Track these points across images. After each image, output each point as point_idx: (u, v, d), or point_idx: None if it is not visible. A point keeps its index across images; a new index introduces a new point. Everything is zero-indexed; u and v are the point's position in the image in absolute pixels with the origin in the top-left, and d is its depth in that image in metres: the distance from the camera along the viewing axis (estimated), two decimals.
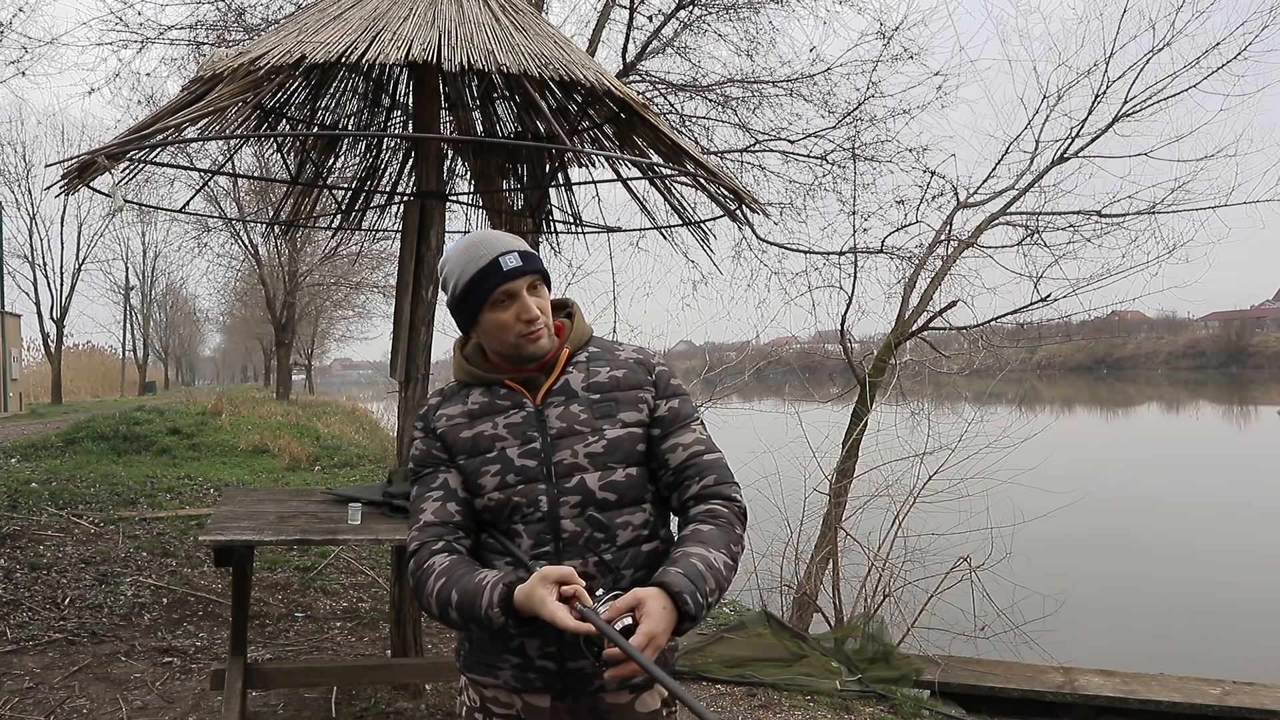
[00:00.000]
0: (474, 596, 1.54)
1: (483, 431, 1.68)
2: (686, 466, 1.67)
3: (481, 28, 3.49)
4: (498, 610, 1.51)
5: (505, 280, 1.64)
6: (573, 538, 1.61)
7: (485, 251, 1.66)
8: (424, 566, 1.62)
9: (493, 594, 1.52)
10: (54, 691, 4.03)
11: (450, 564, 1.61)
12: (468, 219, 5.63)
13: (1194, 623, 8.30)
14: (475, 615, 1.54)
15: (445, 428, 1.70)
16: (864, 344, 8.63)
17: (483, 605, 1.52)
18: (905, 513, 6.11)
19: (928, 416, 6.86)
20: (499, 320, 1.66)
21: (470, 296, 1.66)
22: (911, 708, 4.66)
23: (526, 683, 1.65)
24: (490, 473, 1.65)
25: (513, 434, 1.66)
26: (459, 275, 1.67)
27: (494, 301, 1.65)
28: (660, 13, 8.14)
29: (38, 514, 7.44)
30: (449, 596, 1.56)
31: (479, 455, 1.67)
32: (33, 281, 30.46)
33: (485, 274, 1.64)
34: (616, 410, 1.67)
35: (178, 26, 7.63)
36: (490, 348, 1.72)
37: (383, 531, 3.44)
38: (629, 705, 1.67)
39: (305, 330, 34.32)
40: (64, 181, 3.57)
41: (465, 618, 1.56)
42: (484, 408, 1.70)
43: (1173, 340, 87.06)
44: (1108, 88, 7.49)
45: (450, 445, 1.69)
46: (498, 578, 1.54)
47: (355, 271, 25.39)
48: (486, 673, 1.70)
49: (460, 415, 1.70)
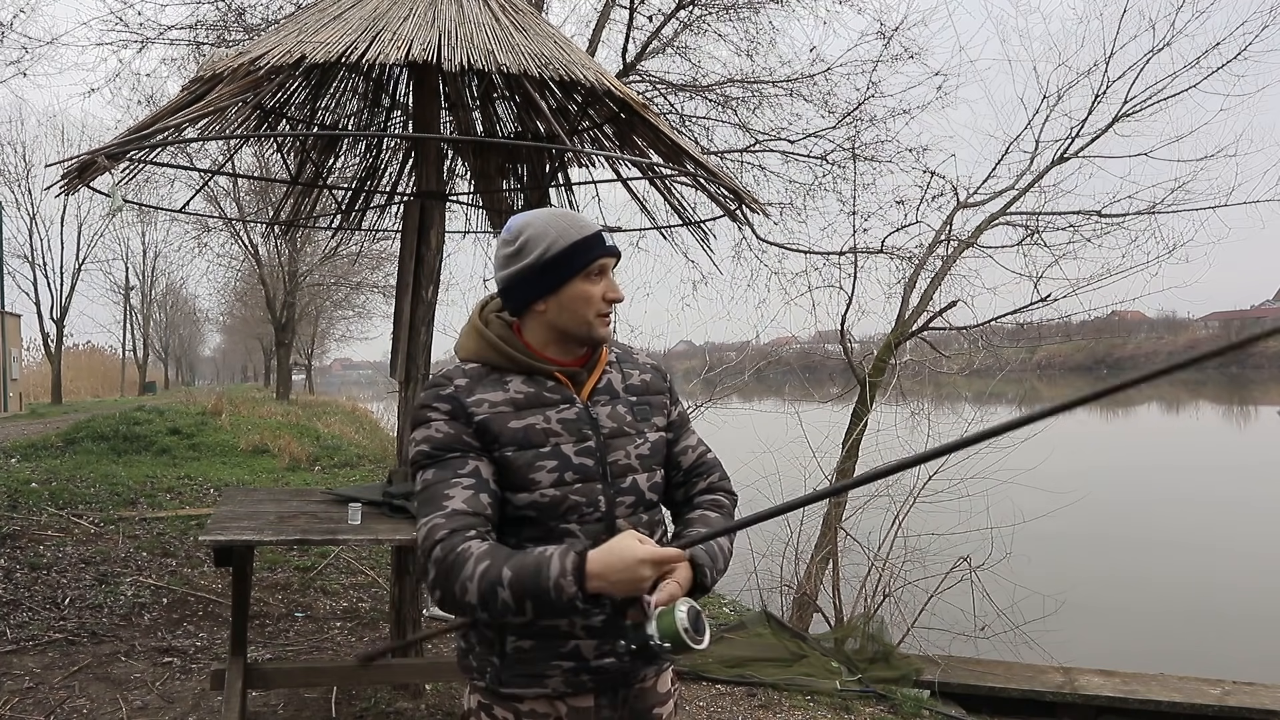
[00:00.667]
0: (537, 568, 1.42)
1: (534, 424, 1.59)
2: (696, 467, 1.79)
3: (481, 28, 3.49)
4: (571, 579, 1.40)
5: (606, 254, 1.62)
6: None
7: (585, 223, 1.63)
8: (457, 551, 1.47)
9: (563, 561, 1.42)
10: (54, 691, 4.02)
11: (491, 547, 1.48)
12: (468, 219, 5.63)
13: (1194, 623, 8.30)
14: (538, 588, 1.41)
15: (488, 415, 1.57)
16: (864, 344, 8.63)
17: (551, 574, 1.41)
18: (905, 513, 6.11)
19: (928, 416, 6.87)
20: (587, 293, 1.61)
21: (567, 261, 1.59)
22: (911, 708, 4.66)
23: (578, 685, 1.61)
24: (546, 468, 1.58)
25: (567, 430, 1.61)
26: (554, 238, 1.60)
27: (589, 272, 1.61)
28: (660, 13, 8.14)
29: (38, 514, 7.44)
30: (499, 575, 1.43)
31: (532, 449, 1.58)
32: (33, 281, 30.55)
33: (591, 243, 1.61)
34: (651, 414, 1.73)
35: (178, 26, 7.65)
36: (556, 323, 1.63)
37: (383, 531, 3.44)
38: (653, 687, 1.72)
39: (305, 330, 34.32)
40: (64, 181, 3.57)
41: (521, 595, 1.42)
42: (530, 399, 1.61)
43: (1173, 340, 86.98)
44: (1108, 88, 7.50)
45: (495, 435, 1.57)
46: (563, 548, 1.46)
47: (355, 271, 25.41)
48: (530, 684, 1.60)
49: (504, 403, 1.59)
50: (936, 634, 5.82)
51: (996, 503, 5.85)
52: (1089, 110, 7.54)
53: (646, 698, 1.71)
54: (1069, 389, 43.59)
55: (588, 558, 1.42)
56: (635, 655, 1.51)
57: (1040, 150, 7.69)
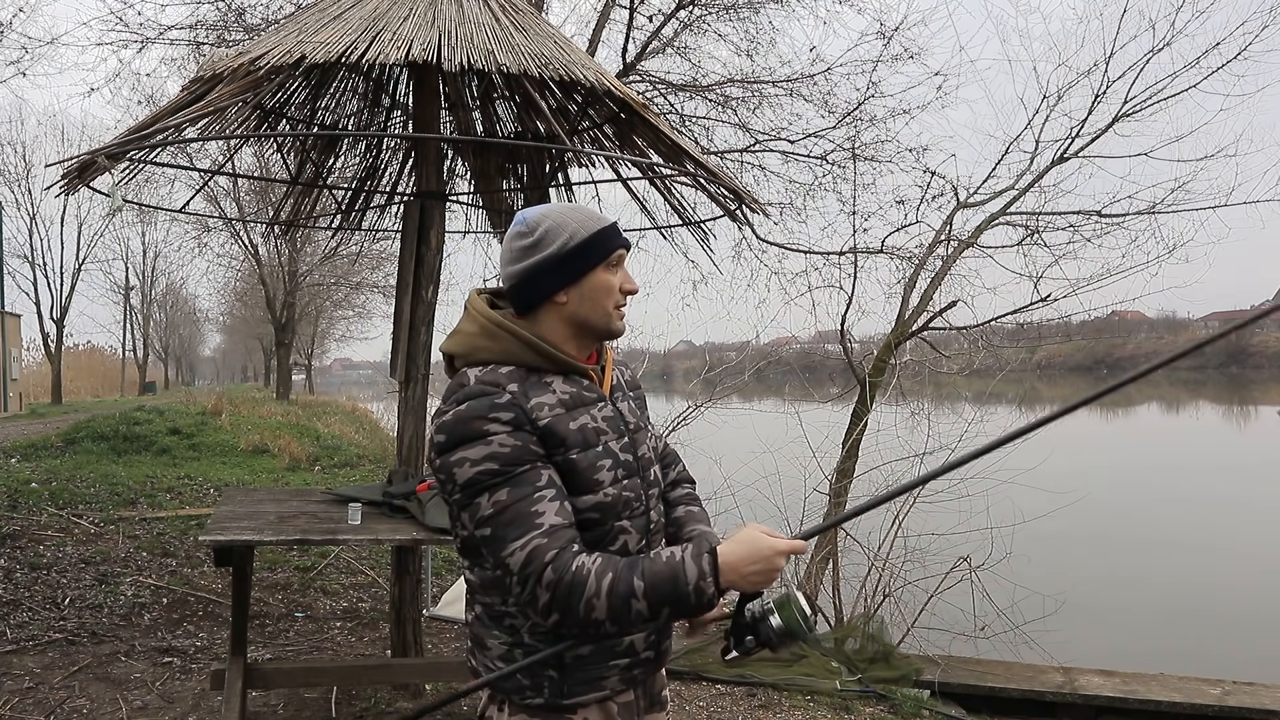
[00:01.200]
0: (673, 575, 1.42)
1: (586, 424, 1.56)
2: (664, 458, 1.85)
3: (481, 28, 3.49)
4: (710, 580, 1.42)
5: (623, 245, 1.62)
6: (656, 527, 1.67)
7: (601, 215, 1.63)
8: (572, 569, 1.41)
9: (700, 564, 1.43)
10: (54, 691, 4.03)
11: (605, 560, 1.44)
12: (468, 219, 5.63)
13: (1194, 623, 8.31)
14: (677, 594, 1.42)
15: (550, 419, 1.51)
16: (864, 344, 8.64)
17: (691, 578, 1.42)
18: (905, 513, 6.11)
19: (928, 416, 6.87)
20: (608, 282, 1.59)
21: (590, 250, 1.57)
22: (911, 708, 4.66)
23: (630, 680, 1.62)
24: (606, 467, 1.55)
25: (610, 427, 1.60)
26: (575, 229, 1.57)
27: (610, 262, 1.59)
28: (660, 13, 8.15)
29: (38, 514, 7.44)
30: (631, 587, 1.41)
31: (591, 449, 1.55)
32: (33, 281, 30.53)
33: (610, 233, 1.60)
34: (644, 409, 1.78)
35: (178, 26, 7.65)
36: (577, 314, 1.59)
37: (383, 531, 3.43)
38: (660, 675, 1.76)
39: (305, 330, 34.32)
40: (64, 181, 3.57)
41: (658, 603, 1.41)
42: (574, 398, 1.57)
43: (1173, 340, 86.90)
44: (1108, 88, 7.51)
45: (561, 438, 1.51)
46: (691, 548, 1.46)
47: (355, 271, 25.41)
48: (590, 690, 1.57)
49: (558, 405, 1.54)
50: (936, 634, 5.82)
51: (996, 503, 5.85)
52: (1089, 110, 7.56)
53: (657, 681, 1.75)
54: (1069, 389, 43.61)
55: (719, 554, 1.44)
56: (748, 650, 1.52)
57: (1040, 150, 7.71)
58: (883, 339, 7.87)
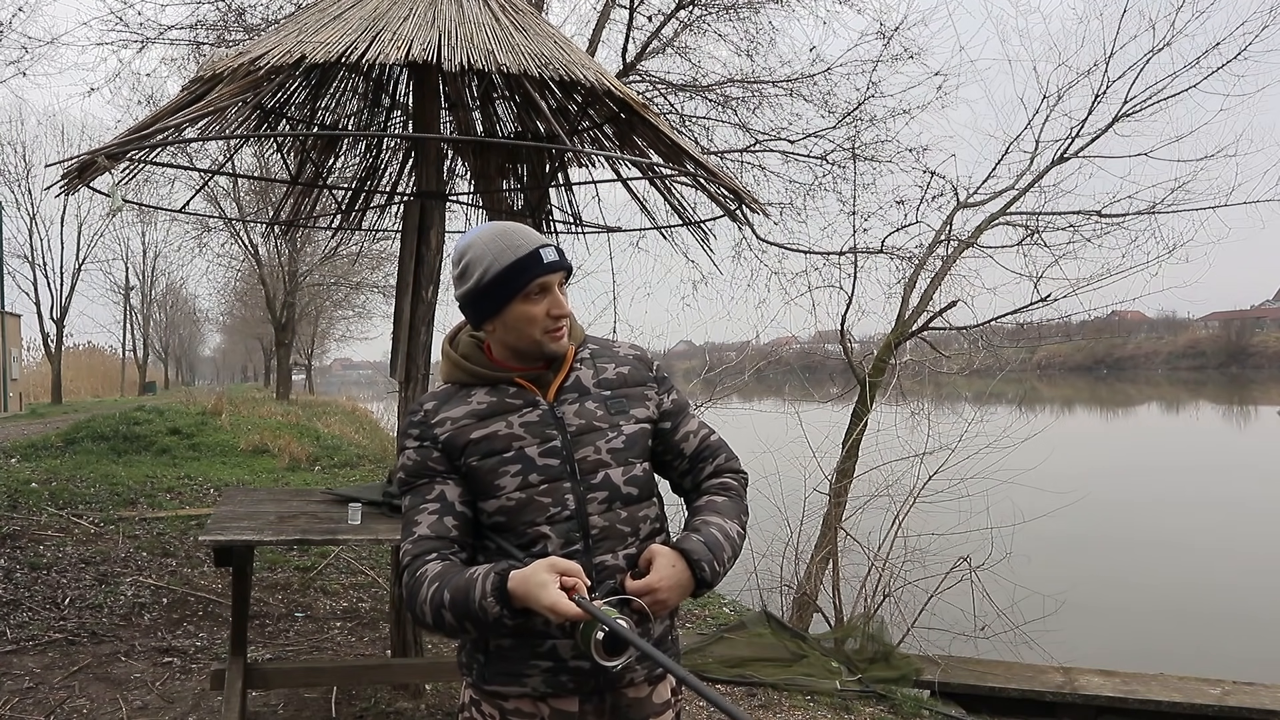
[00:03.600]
0: (467, 591, 1.49)
1: (496, 431, 1.62)
2: (701, 452, 1.79)
3: (481, 28, 3.49)
4: (492, 599, 1.46)
5: (545, 273, 1.61)
6: (602, 534, 1.62)
7: (522, 242, 1.62)
8: (416, 576, 1.57)
9: (485, 583, 1.47)
10: (54, 691, 4.02)
11: (443, 569, 1.56)
12: (468, 219, 5.62)
13: (1194, 623, 8.31)
14: (470, 610, 1.48)
15: (450, 431, 1.63)
16: (864, 344, 8.64)
17: (476, 597, 1.47)
18: (905, 513, 6.11)
19: (928, 416, 6.86)
20: (529, 314, 1.61)
21: (503, 286, 1.60)
22: (911, 708, 4.66)
23: (558, 686, 1.62)
24: (510, 473, 1.60)
25: (530, 432, 1.63)
26: (489, 262, 1.61)
27: (528, 293, 1.61)
28: (660, 13, 8.14)
29: (38, 514, 7.44)
30: (441, 598, 1.51)
31: (494, 455, 1.61)
32: (33, 281, 30.55)
33: (525, 264, 1.60)
34: (629, 406, 1.71)
35: (178, 26, 7.64)
36: (506, 342, 1.66)
37: (383, 531, 3.44)
38: (648, 698, 1.70)
39: (305, 330, 34.32)
40: (64, 181, 3.57)
41: (460, 616, 1.50)
42: (493, 407, 1.64)
43: (1173, 340, 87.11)
44: (1108, 88, 7.50)
45: (460, 449, 1.62)
46: (488, 568, 1.50)
47: (355, 271, 25.40)
48: (510, 682, 1.63)
49: (466, 417, 1.64)
50: (936, 634, 5.82)
51: (996, 503, 5.85)
52: (1089, 110, 7.55)
53: (641, 707, 1.69)
54: (1069, 389, 43.41)
55: (509, 578, 1.46)
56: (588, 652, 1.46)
57: (1040, 150, 7.69)
58: (883, 339, 7.86)
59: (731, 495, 1.74)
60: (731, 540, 1.65)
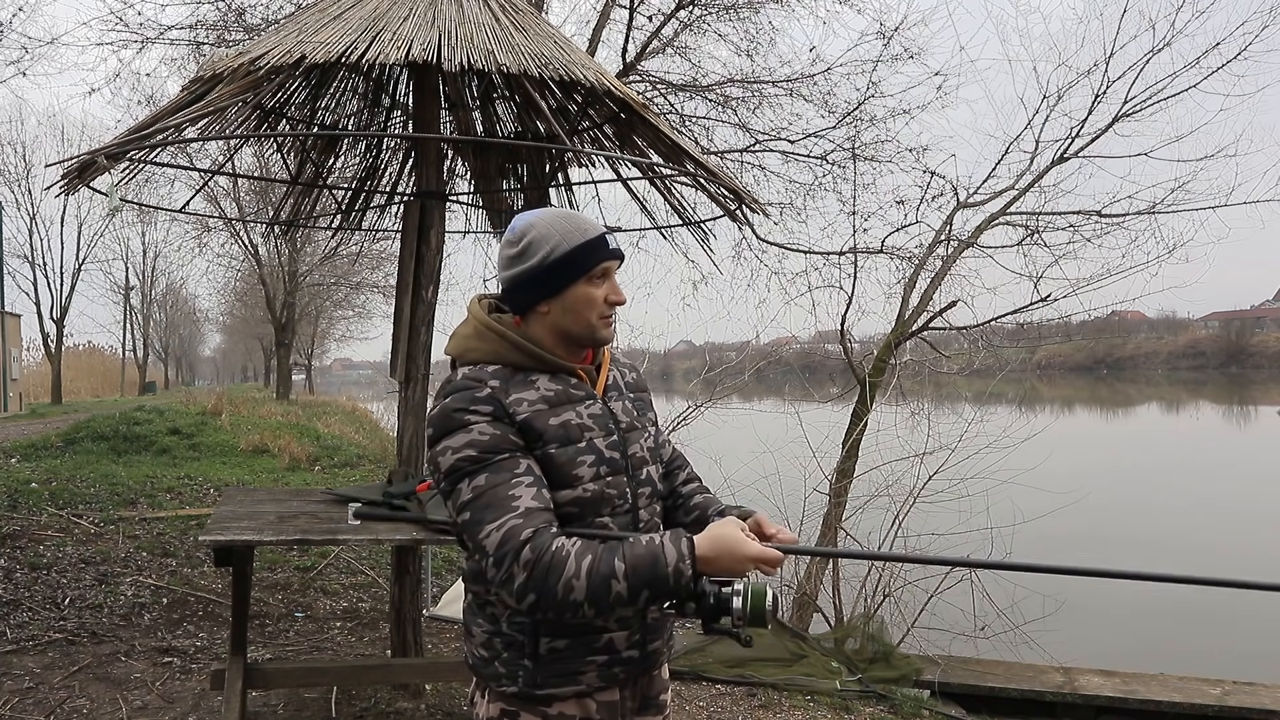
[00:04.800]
0: (653, 557, 1.45)
1: (569, 420, 1.60)
2: (674, 460, 1.92)
3: (481, 28, 3.49)
4: (688, 562, 1.45)
5: (610, 257, 1.63)
6: (647, 527, 1.68)
7: (589, 226, 1.63)
8: (551, 550, 1.44)
9: (679, 547, 1.46)
10: (54, 691, 4.02)
11: (585, 543, 1.48)
12: (468, 219, 5.63)
13: (1194, 623, 8.30)
14: (656, 576, 1.44)
15: (528, 414, 1.56)
16: (864, 344, 8.65)
17: (669, 560, 1.45)
18: (905, 513, 6.12)
19: (928, 416, 6.87)
20: (590, 296, 1.62)
21: (570, 265, 1.60)
22: (911, 708, 4.66)
23: (610, 678, 1.62)
24: (587, 463, 1.59)
25: (598, 425, 1.64)
26: (557, 242, 1.60)
27: (594, 275, 1.62)
28: (660, 13, 8.15)
29: (38, 514, 7.44)
30: (612, 568, 1.44)
31: (571, 444, 1.58)
32: (33, 281, 30.61)
33: (594, 245, 1.61)
34: (646, 409, 1.81)
35: (178, 26, 7.65)
36: (559, 325, 1.63)
37: (383, 531, 3.43)
38: (659, 675, 1.78)
39: (305, 330, 34.31)
40: (64, 181, 3.57)
41: (638, 585, 1.44)
42: (559, 395, 1.61)
43: (1173, 340, 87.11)
44: (1108, 88, 7.52)
45: (539, 432, 1.56)
46: (671, 534, 1.49)
47: (355, 271, 25.41)
48: (565, 683, 1.59)
49: (539, 401, 1.59)
50: (936, 634, 5.83)
51: (996, 503, 5.86)
52: (1089, 110, 7.57)
53: (654, 685, 1.76)
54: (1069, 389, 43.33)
55: (697, 544, 1.49)
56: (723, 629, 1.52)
57: (1040, 150, 7.71)
58: (883, 339, 7.87)
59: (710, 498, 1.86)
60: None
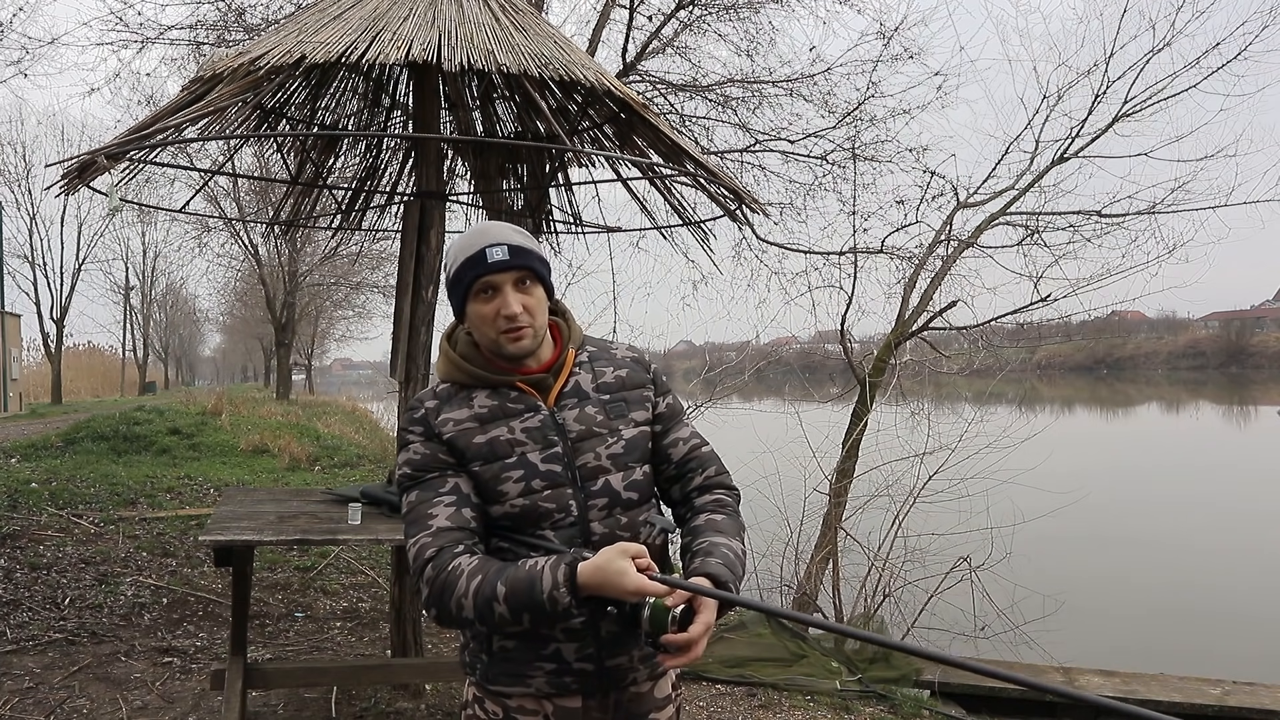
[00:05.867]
0: (530, 582, 1.47)
1: (498, 436, 1.62)
2: (689, 460, 1.75)
3: (481, 28, 3.49)
4: (564, 590, 1.44)
5: (487, 273, 1.61)
6: (603, 539, 1.60)
7: (477, 241, 1.63)
8: (448, 569, 1.52)
9: (555, 574, 1.46)
10: (54, 691, 4.03)
11: (481, 562, 1.53)
12: (468, 219, 5.63)
13: (1194, 623, 8.30)
14: (534, 602, 1.46)
15: (454, 433, 1.62)
16: (864, 344, 8.65)
17: (544, 588, 1.45)
18: (905, 513, 6.12)
19: (928, 416, 6.86)
20: (481, 313, 1.63)
21: (457, 285, 1.64)
22: (911, 708, 4.66)
23: (562, 687, 1.63)
24: (513, 479, 1.60)
25: (532, 438, 1.62)
26: (450, 261, 1.66)
27: (475, 293, 1.62)
28: (660, 13, 8.13)
29: (38, 514, 7.44)
30: (493, 590, 1.48)
31: (497, 461, 1.61)
32: (33, 281, 30.59)
33: (471, 263, 1.61)
34: (628, 410, 1.70)
35: (178, 26, 7.64)
36: (479, 342, 1.68)
37: (383, 531, 3.44)
38: (649, 693, 1.71)
39: (305, 330, 34.30)
40: (64, 181, 3.57)
41: (517, 608, 1.47)
42: (494, 411, 1.64)
43: (1173, 340, 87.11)
44: (1108, 88, 7.51)
45: (462, 451, 1.62)
46: (554, 560, 1.48)
47: (355, 271, 25.41)
48: (514, 683, 1.64)
49: (469, 420, 1.63)
50: (936, 634, 5.83)
51: (996, 503, 5.85)
52: (1089, 110, 7.56)
53: (642, 703, 1.70)
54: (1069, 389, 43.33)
55: (579, 571, 1.45)
56: (620, 626, 1.50)
57: (1040, 150, 7.70)
58: (883, 339, 7.87)
59: (729, 513, 1.72)
60: (741, 559, 1.64)
